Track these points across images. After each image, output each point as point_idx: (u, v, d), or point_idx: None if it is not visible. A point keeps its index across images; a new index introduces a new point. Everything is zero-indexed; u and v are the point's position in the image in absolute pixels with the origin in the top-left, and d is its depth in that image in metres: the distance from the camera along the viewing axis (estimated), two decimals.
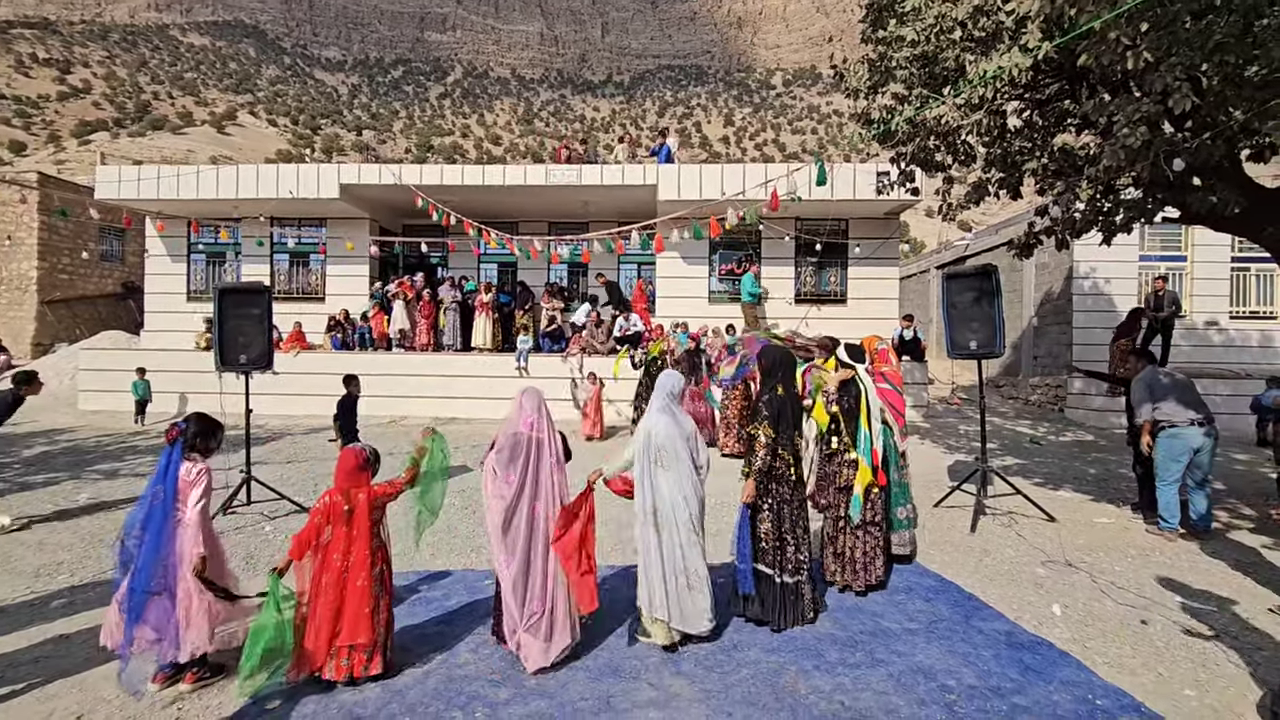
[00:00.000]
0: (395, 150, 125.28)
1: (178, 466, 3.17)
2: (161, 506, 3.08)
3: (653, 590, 3.48)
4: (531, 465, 3.37)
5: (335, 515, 3.18)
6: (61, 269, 20.62)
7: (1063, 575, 4.67)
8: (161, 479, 3.12)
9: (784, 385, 3.88)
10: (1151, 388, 5.61)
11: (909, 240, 57.91)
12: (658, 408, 3.66)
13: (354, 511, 3.20)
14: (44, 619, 3.96)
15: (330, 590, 3.13)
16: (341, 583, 3.14)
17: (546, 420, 3.49)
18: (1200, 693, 3.16)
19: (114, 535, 5.53)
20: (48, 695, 3.14)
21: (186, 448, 3.26)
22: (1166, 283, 11.67)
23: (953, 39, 5.48)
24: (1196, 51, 4.21)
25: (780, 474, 3.80)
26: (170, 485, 3.12)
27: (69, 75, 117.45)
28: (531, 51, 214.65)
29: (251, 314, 6.49)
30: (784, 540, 3.80)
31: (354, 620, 3.12)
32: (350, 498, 3.22)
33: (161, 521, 3.06)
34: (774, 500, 3.80)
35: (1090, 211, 5.76)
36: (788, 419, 3.81)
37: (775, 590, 3.78)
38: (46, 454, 9.09)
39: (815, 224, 13.06)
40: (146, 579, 3.00)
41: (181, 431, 3.24)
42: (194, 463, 3.27)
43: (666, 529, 3.49)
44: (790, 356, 4.08)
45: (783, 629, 3.76)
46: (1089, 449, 9.44)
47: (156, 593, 3.03)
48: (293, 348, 12.49)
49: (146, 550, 3.02)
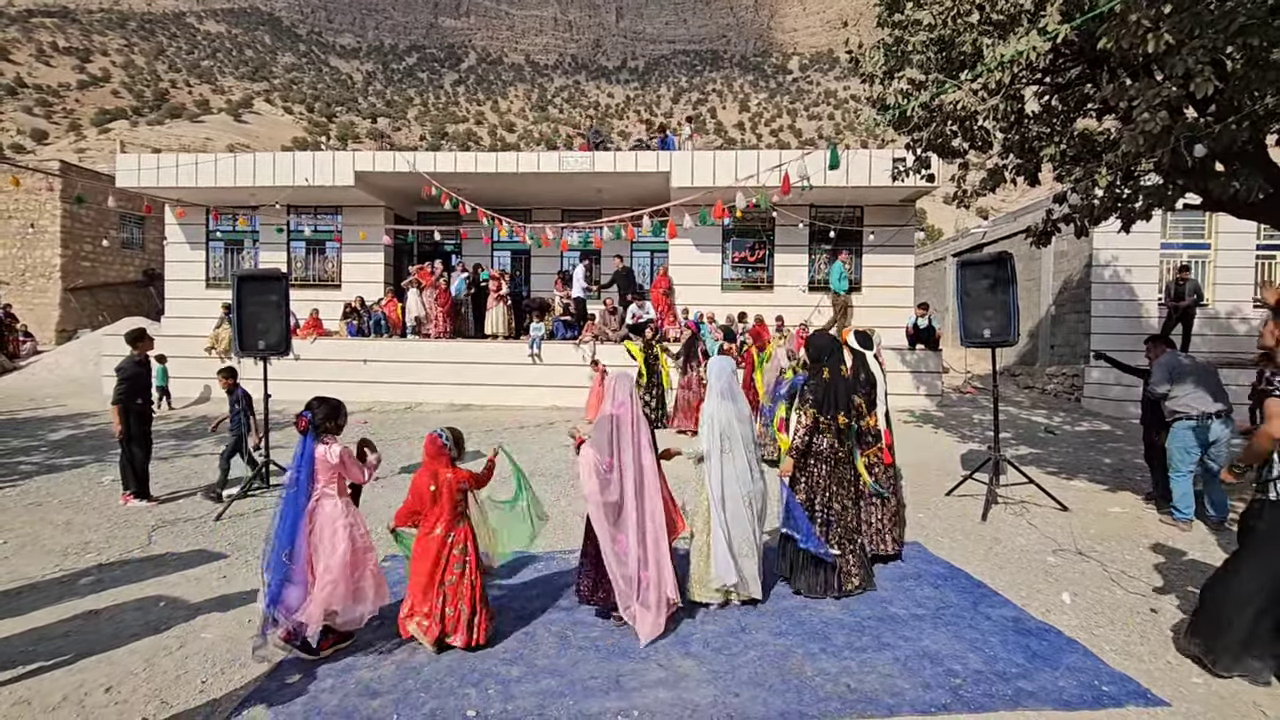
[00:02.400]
0: (410, 137, 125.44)
1: (311, 453, 3.33)
2: (295, 497, 3.25)
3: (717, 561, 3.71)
4: (623, 445, 3.56)
5: (425, 494, 3.39)
6: (84, 256, 20.98)
7: (1073, 564, 4.66)
8: (298, 467, 3.29)
9: (831, 370, 4.10)
10: (1172, 372, 5.55)
11: (925, 228, 57.17)
12: (718, 392, 3.86)
13: (439, 491, 3.39)
14: (73, 595, 4.10)
15: (423, 560, 3.36)
16: (435, 556, 3.34)
17: (635, 403, 3.67)
18: (1208, 680, 3.16)
19: (142, 517, 5.71)
20: (78, 669, 3.25)
21: (320, 432, 3.40)
22: (1189, 271, 11.47)
23: (970, 22, 5.40)
24: (1220, 34, 4.12)
25: (822, 454, 4.02)
26: (306, 472, 3.29)
27: (88, 64, 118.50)
28: (545, 37, 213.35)
29: (269, 300, 6.58)
30: (814, 512, 4.03)
31: (430, 592, 3.32)
32: (436, 478, 3.40)
33: (295, 511, 3.23)
34: (813, 478, 4.04)
35: (1109, 198, 5.68)
36: (831, 402, 4.02)
37: (813, 562, 4.00)
38: (72, 437, 9.32)
39: (830, 211, 12.95)
40: (283, 561, 3.18)
41: (310, 421, 3.37)
42: (328, 445, 3.40)
43: (731, 506, 3.75)
44: (837, 343, 4.33)
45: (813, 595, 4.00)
46: (1105, 439, 9.36)
47: (293, 579, 3.20)
48: (309, 334, 12.65)
49: (282, 534, 3.20)
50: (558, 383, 11.70)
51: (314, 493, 3.32)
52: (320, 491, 3.34)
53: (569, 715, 2.86)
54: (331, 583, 3.22)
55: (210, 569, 4.55)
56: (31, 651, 3.40)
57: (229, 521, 5.59)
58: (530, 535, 3.95)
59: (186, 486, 6.73)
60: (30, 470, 7.36)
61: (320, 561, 3.26)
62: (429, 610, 3.31)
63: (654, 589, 3.49)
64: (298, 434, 3.36)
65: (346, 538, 3.32)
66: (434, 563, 3.34)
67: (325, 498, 3.34)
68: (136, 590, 4.17)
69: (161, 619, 3.78)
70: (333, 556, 3.27)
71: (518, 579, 4.36)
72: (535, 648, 3.43)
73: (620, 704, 2.94)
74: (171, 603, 4.00)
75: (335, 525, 3.31)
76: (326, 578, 3.23)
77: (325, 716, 2.85)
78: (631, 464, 3.53)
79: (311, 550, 3.26)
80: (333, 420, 3.47)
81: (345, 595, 3.26)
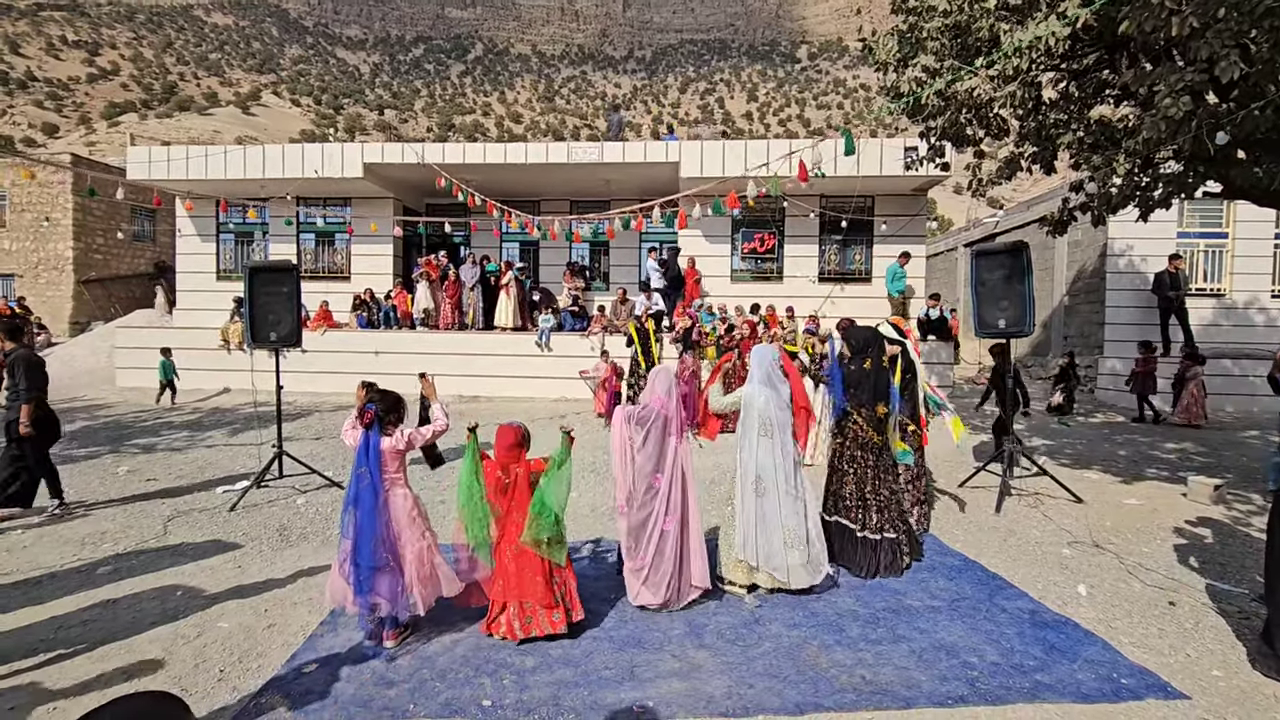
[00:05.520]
0: (417, 129, 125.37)
1: (378, 445, 3.34)
2: (370, 487, 3.26)
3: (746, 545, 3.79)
4: (656, 437, 3.65)
5: (498, 487, 3.42)
6: (95, 249, 21.12)
7: (1089, 556, 4.62)
8: (365, 460, 3.29)
9: (873, 360, 4.24)
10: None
11: (936, 218, 56.70)
12: (759, 379, 3.92)
13: (513, 484, 3.42)
14: (91, 585, 4.13)
15: (513, 560, 3.36)
16: (521, 552, 3.34)
17: (674, 400, 3.73)
18: (1228, 673, 3.13)
19: (158, 507, 5.76)
20: (97, 656, 3.28)
21: (384, 424, 3.43)
22: (1182, 260, 11.36)
23: (987, 8, 5.31)
24: (1245, 16, 4.02)
25: (862, 440, 4.17)
26: (375, 464, 3.29)
27: (97, 57, 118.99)
28: (552, 27, 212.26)
29: (280, 292, 6.60)
30: (865, 500, 4.15)
31: (536, 585, 3.32)
32: (509, 472, 3.44)
33: (372, 501, 3.25)
34: (860, 466, 4.17)
35: (1128, 186, 5.59)
36: (867, 389, 4.15)
37: (858, 545, 4.15)
38: (88, 428, 9.40)
39: (840, 201, 12.85)
40: (369, 555, 3.20)
41: (376, 414, 3.38)
42: (393, 436, 3.43)
43: (769, 493, 3.79)
44: (878, 335, 4.48)
45: (869, 578, 4.11)
46: (1119, 430, 9.28)
47: (381, 566, 3.22)
48: (320, 326, 12.69)
49: (363, 529, 3.22)
50: (567, 374, 11.70)
51: (385, 483, 3.35)
52: (390, 480, 3.39)
53: (583, 705, 2.87)
54: (419, 569, 3.31)
55: (225, 559, 4.58)
56: (52, 640, 3.43)
57: (242, 512, 5.62)
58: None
59: (200, 478, 6.78)
60: None
61: (407, 550, 3.32)
62: (544, 605, 3.30)
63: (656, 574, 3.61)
64: (361, 428, 3.36)
65: (423, 525, 3.43)
66: (535, 556, 3.32)
67: (395, 486, 3.40)
68: (154, 579, 4.21)
69: (179, 608, 3.80)
70: (417, 544, 3.35)
71: None
72: (550, 638, 3.43)
73: (635, 694, 2.94)
74: (188, 592, 4.03)
75: (411, 515, 3.40)
76: (415, 565, 3.31)
77: (342, 706, 2.86)
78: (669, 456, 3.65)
79: (395, 539, 3.31)
80: (394, 413, 3.51)
81: (426, 581, 3.33)
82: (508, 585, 3.36)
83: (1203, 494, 5.92)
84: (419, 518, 3.45)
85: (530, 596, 3.32)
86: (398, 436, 3.44)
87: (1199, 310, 12.03)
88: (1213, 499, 5.85)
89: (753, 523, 3.78)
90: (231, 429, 9.38)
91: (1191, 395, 9.53)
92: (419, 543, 3.37)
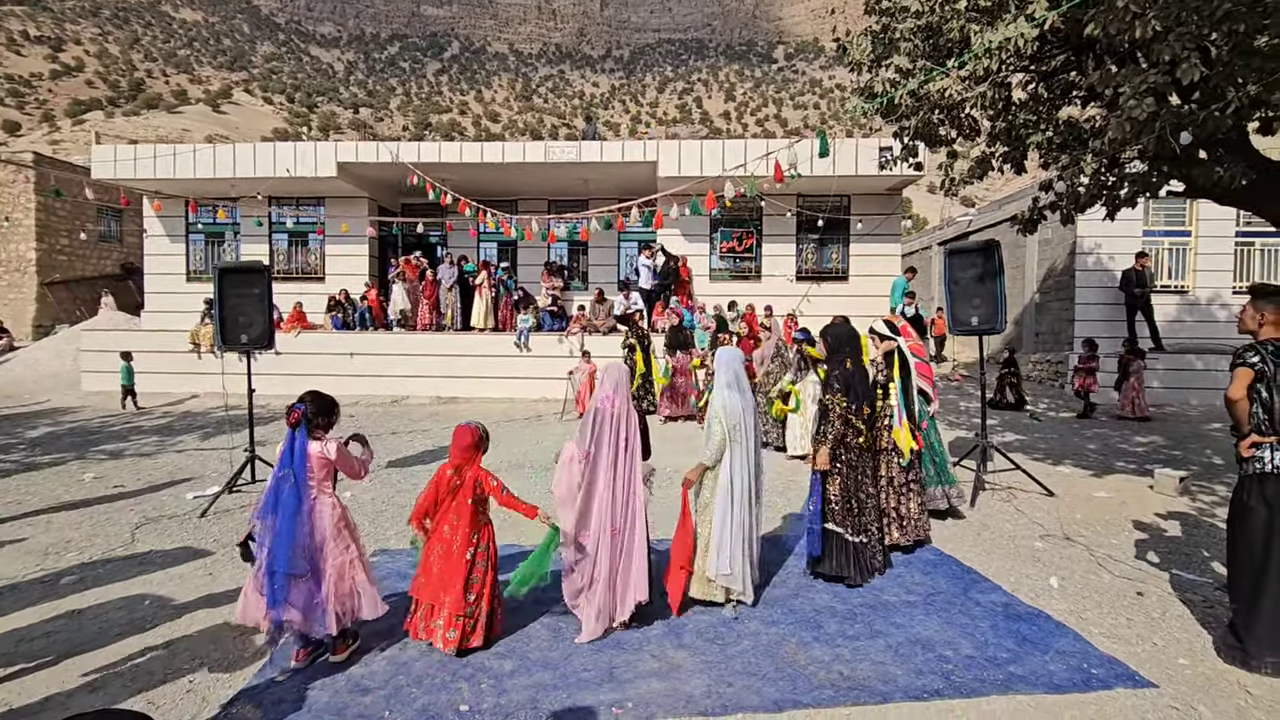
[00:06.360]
0: (393, 128, 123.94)
1: (304, 447, 3.18)
2: (294, 491, 3.09)
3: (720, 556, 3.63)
4: (600, 439, 3.45)
5: (446, 488, 3.30)
6: (60, 250, 20.55)
7: (1061, 549, 4.71)
8: (289, 462, 3.12)
9: (852, 360, 4.15)
10: None
11: (911, 217, 57.37)
12: (725, 384, 3.79)
13: (462, 485, 3.31)
14: (55, 595, 4.02)
15: (437, 559, 3.26)
16: (448, 553, 3.25)
17: (623, 398, 3.53)
18: (1194, 661, 3.21)
19: (125, 514, 5.61)
20: (61, 670, 3.19)
21: (312, 427, 3.26)
22: (1148, 259, 11.64)
23: (957, 9, 5.38)
24: (1205, 20, 4.13)
25: (850, 441, 4.08)
26: (300, 467, 3.13)
27: (61, 53, 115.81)
28: (529, 26, 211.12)
29: (251, 294, 6.48)
30: (851, 503, 4.09)
31: (454, 590, 3.22)
32: (461, 474, 3.32)
33: (295, 505, 3.08)
34: (844, 465, 4.08)
35: (1095, 185, 5.70)
36: (857, 390, 4.07)
37: (848, 548, 4.06)
38: (52, 434, 9.15)
39: (817, 200, 12.95)
40: (286, 562, 3.03)
41: (303, 414, 3.22)
42: (323, 441, 3.27)
43: (738, 501, 3.67)
44: (854, 332, 4.36)
45: (858, 584, 4.04)
46: (1089, 425, 9.47)
47: (299, 575, 3.07)
48: (293, 328, 12.49)
49: (281, 535, 3.04)
50: (546, 374, 11.64)
51: (311, 488, 3.19)
52: (317, 486, 3.22)
53: (562, 708, 2.85)
54: (338, 584, 3.15)
55: (195, 566, 4.48)
56: (12, 654, 3.33)
57: (213, 518, 5.51)
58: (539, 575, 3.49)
59: (169, 482, 6.63)
60: (9, 469, 7.21)
61: (328, 561, 3.16)
62: (455, 612, 3.20)
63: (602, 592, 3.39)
64: (287, 428, 3.23)
65: (349, 539, 3.26)
66: (459, 562, 3.23)
67: (322, 494, 3.23)
68: (120, 589, 4.10)
69: (146, 617, 3.71)
70: (339, 557, 3.18)
71: (507, 574, 4.32)
72: (528, 641, 3.41)
73: (614, 695, 2.93)
74: (156, 601, 3.93)
75: (338, 526, 3.22)
76: (335, 579, 3.15)
77: (315, 715, 2.81)
78: (605, 459, 3.43)
79: (317, 548, 3.15)
80: (325, 416, 3.34)
81: (345, 598, 3.17)
82: (429, 584, 3.27)
83: (1169, 486, 6.07)
84: (346, 531, 3.26)
85: (440, 602, 3.23)
86: (326, 443, 3.26)
87: (1164, 306, 12.32)
88: (1178, 491, 6.00)
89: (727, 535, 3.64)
90: (203, 433, 9.18)
91: (1133, 388, 9.76)
92: (341, 556, 3.19)
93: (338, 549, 3.19)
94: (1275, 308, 3.19)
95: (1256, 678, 3.04)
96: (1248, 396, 3.14)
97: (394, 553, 4.75)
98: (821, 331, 4.45)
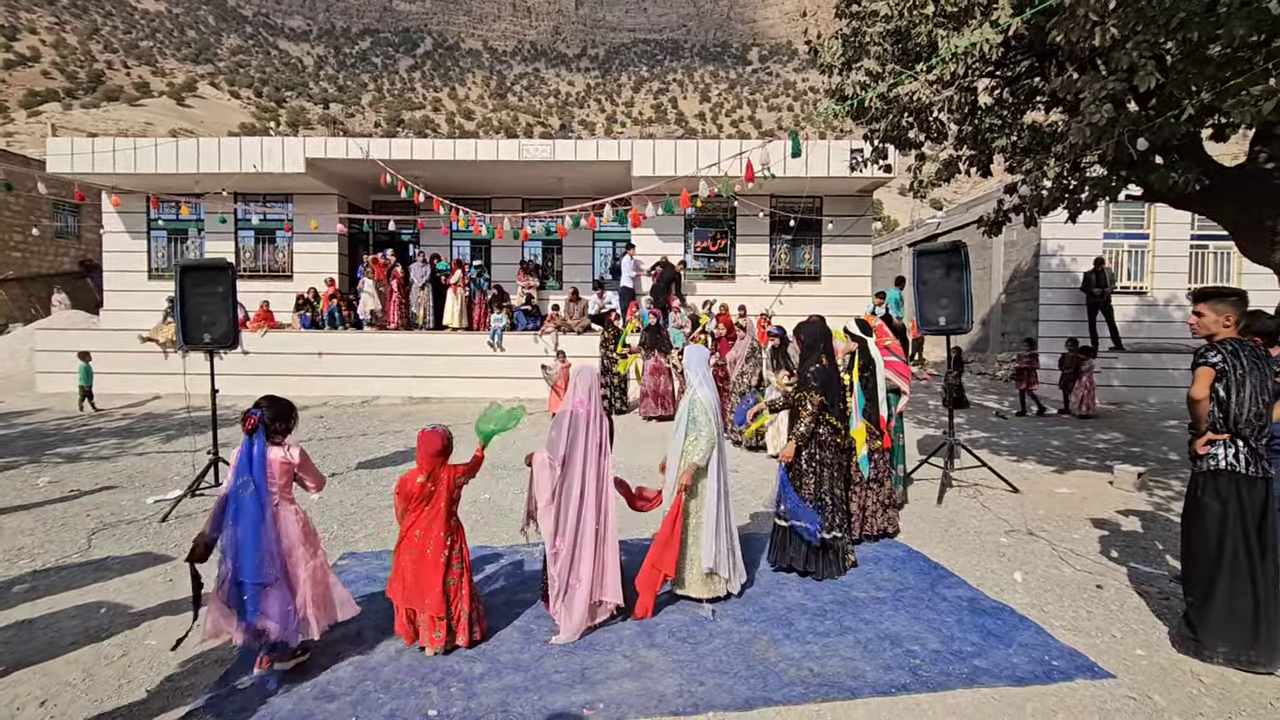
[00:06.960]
0: (364, 124, 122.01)
1: (264, 453, 3.08)
2: (255, 499, 2.99)
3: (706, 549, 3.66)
4: (575, 443, 3.46)
5: (417, 495, 3.25)
6: (13, 246, 19.80)
7: (1024, 544, 4.82)
8: (248, 469, 3.02)
9: (827, 356, 4.21)
10: None
11: (882, 218, 58.23)
12: (700, 380, 3.82)
13: (437, 490, 3.27)
14: (5, 604, 3.87)
15: (410, 566, 3.22)
16: (421, 558, 3.21)
17: (594, 401, 3.54)
18: (1150, 652, 3.30)
19: (81, 520, 5.43)
20: (11, 682, 3.08)
21: (269, 433, 3.15)
22: (1104, 263, 11.98)
23: (925, 14, 5.46)
24: (1161, 29, 4.25)
25: (824, 439, 4.12)
26: (260, 474, 3.03)
27: (15, 42, 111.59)
28: (504, 23, 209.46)
29: (215, 292, 6.30)
30: (822, 500, 4.12)
31: (432, 594, 3.19)
32: (433, 478, 3.27)
33: (257, 514, 2.99)
34: (815, 463, 4.13)
35: (1057, 189, 5.85)
36: (833, 388, 4.12)
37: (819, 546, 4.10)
38: (4, 438, 8.82)
39: (790, 201, 13.07)
40: (254, 570, 2.95)
41: (259, 419, 3.12)
42: (283, 447, 3.18)
43: (723, 495, 3.76)
44: (828, 329, 4.39)
45: (822, 578, 4.11)
46: (1052, 422, 9.71)
47: (268, 583, 2.97)
48: (260, 327, 12.21)
49: (245, 545, 2.95)
50: (520, 374, 11.56)
51: (273, 495, 3.09)
52: (279, 493, 3.13)
53: (533, 710, 2.83)
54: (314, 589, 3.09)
55: (155, 572, 4.35)
56: None
57: (175, 523, 5.36)
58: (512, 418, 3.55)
59: (129, 486, 6.43)
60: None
61: (300, 567, 3.08)
62: (437, 615, 3.19)
63: (581, 596, 3.40)
64: (243, 434, 3.13)
65: (315, 545, 3.19)
66: (435, 564, 3.19)
67: (285, 501, 3.15)
68: (75, 597, 3.97)
69: (102, 626, 3.60)
70: (310, 562, 3.11)
71: (480, 574, 4.29)
72: (499, 643, 3.38)
73: (586, 697, 2.92)
74: (113, 609, 3.81)
75: (304, 532, 3.14)
76: (309, 584, 3.08)
77: None
78: (579, 463, 3.44)
79: (285, 554, 3.06)
80: (283, 421, 3.24)
81: (321, 602, 3.11)
82: (406, 590, 3.23)
83: (1127, 481, 6.25)
84: (311, 536, 3.19)
85: (419, 605, 3.21)
86: (290, 448, 3.18)
87: (1123, 307, 12.69)
88: (1136, 486, 6.19)
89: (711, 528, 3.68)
90: (164, 435, 8.94)
91: (1085, 387, 10.04)
92: (313, 560, 3.12)
93: (307, 554, 3.12)
94: (1238, 309, 3.25)
95: (1208, 667, 3.15)
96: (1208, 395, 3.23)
97: (362, 555, 4.68)
98: (796, 329, 4.49)
